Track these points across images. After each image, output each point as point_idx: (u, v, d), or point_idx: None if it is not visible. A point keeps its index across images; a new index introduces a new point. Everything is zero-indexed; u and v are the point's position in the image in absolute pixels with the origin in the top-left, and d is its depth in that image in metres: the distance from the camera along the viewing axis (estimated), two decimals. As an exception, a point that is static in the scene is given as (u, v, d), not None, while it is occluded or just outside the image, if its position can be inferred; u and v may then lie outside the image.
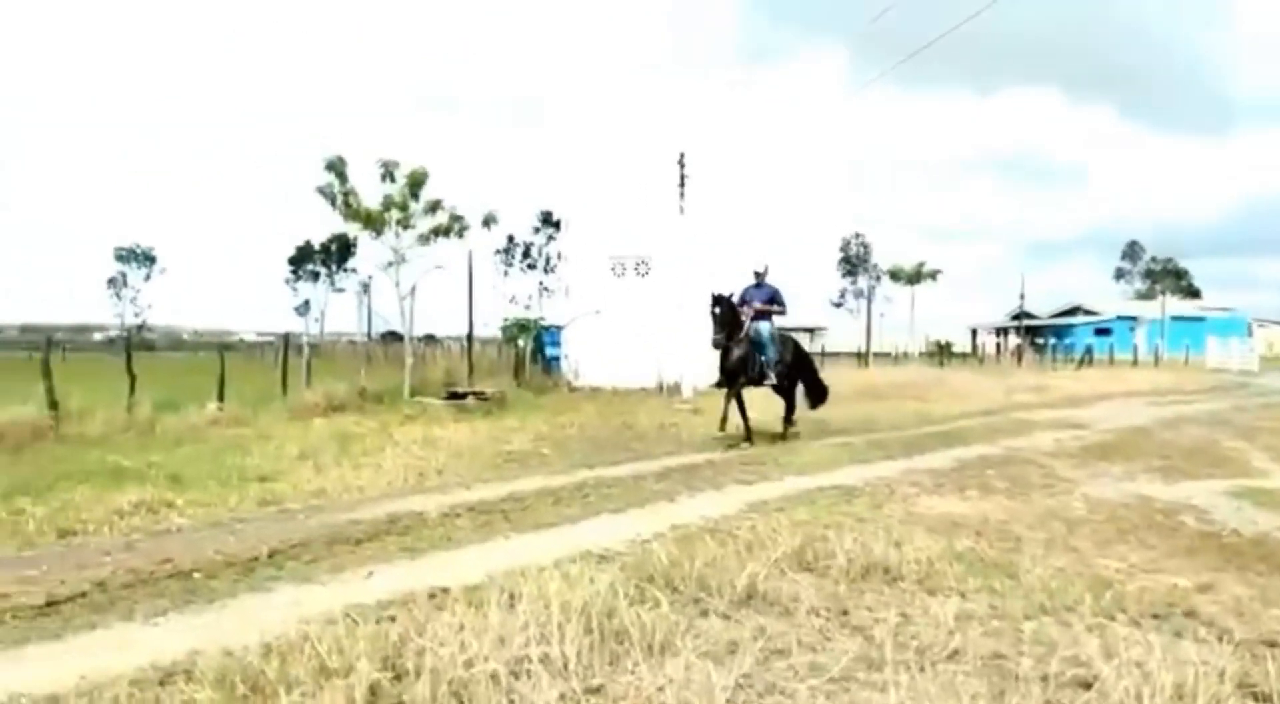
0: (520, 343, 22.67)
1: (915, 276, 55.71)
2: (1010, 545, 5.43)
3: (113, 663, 3.36)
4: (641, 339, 21.62)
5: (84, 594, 4.39)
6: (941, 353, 45.44)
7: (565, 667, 3.15)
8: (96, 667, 3.32)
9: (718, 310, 10.93)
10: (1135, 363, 40.84)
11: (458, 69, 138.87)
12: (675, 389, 19.73)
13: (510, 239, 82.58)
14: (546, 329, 23.95)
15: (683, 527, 5.95)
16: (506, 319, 24.31)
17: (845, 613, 4.02)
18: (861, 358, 37.53)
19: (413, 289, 16.94)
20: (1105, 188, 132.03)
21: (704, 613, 3.92)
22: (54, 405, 10.70)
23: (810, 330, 68.64)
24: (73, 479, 7.36)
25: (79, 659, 3.46)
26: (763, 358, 11.21)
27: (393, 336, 25.68)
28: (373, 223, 16.23)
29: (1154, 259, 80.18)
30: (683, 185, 21.15)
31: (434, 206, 16.48)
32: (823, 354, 37.35)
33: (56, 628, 3.91)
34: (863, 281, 79.30)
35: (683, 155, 21.20)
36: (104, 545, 5.47)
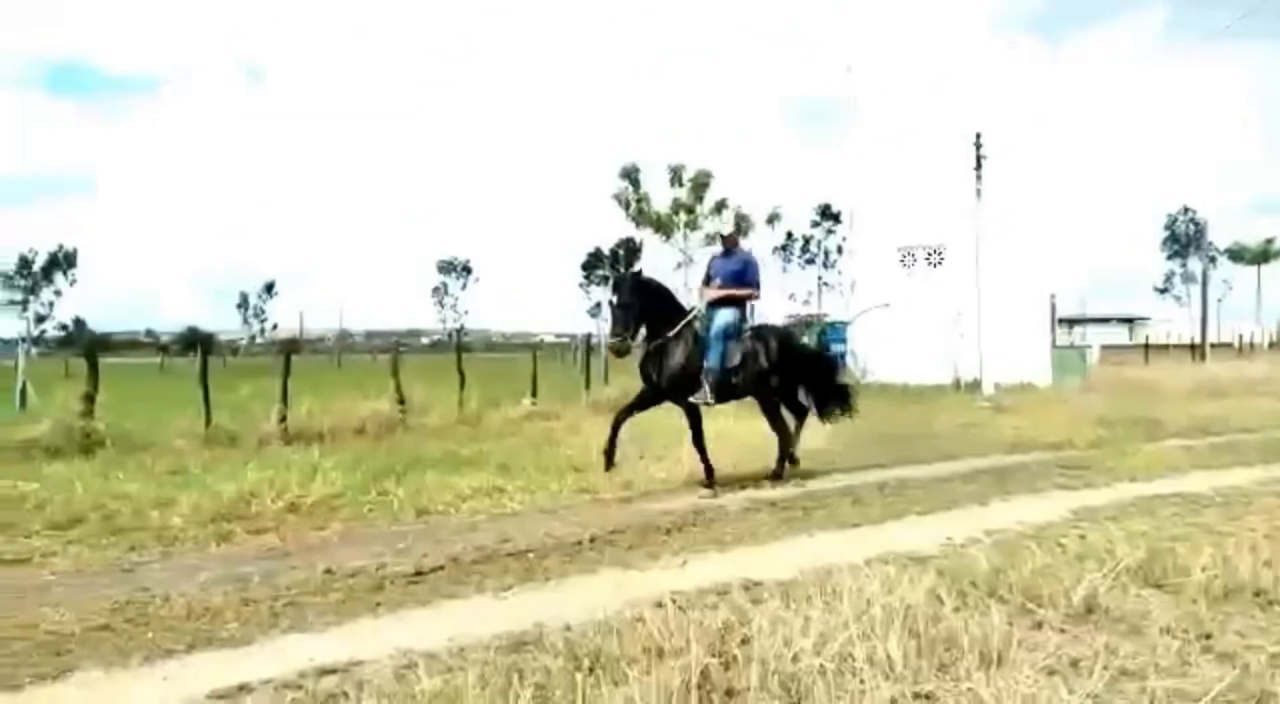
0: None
1: (1262, 256, 48.16)
2: None
3: (474, 629, 3.79)
4: (935, 333, 20.65)
5: (443, 567, 5.00)
6: (1300, 343, 38.72)
7: (892, 669, 3.08)
8: (461, 631, 3.76)
9: (615, 298, 7.51)
10: None
11: (732, 64, 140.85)
12: (974, 386, 18.61)
13: (789, 235, 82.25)
14: (831, 325, 23.61)
15: (999, 532, 5.62)
16: (790, 316, 24.29)
17: (1208, 637, 3.56)
18: (1196, 350, 33.03)
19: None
20: None
21: (1038, 625, 3.66)
22: (402, 401, 12.29)
23: (1129, 320, 61.62)
24: (422, 465, 8.40)
25: (446, 624, 3.94)
26: (705, 363, 7.62)
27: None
28: (662, 226, 16.98)
29: None
30: (979, 168, 19.82)
31: (720, 207, 16.91)
32: (1146, 346, 33.27)
33: (425, 595, 4.49)
34: (1194, 264, 69.56)
35: (979, 136, 19.88)
36: (454, 525, 6.21)
